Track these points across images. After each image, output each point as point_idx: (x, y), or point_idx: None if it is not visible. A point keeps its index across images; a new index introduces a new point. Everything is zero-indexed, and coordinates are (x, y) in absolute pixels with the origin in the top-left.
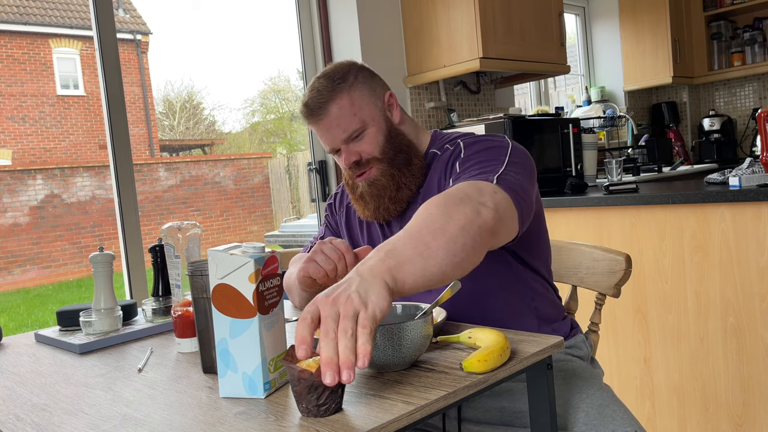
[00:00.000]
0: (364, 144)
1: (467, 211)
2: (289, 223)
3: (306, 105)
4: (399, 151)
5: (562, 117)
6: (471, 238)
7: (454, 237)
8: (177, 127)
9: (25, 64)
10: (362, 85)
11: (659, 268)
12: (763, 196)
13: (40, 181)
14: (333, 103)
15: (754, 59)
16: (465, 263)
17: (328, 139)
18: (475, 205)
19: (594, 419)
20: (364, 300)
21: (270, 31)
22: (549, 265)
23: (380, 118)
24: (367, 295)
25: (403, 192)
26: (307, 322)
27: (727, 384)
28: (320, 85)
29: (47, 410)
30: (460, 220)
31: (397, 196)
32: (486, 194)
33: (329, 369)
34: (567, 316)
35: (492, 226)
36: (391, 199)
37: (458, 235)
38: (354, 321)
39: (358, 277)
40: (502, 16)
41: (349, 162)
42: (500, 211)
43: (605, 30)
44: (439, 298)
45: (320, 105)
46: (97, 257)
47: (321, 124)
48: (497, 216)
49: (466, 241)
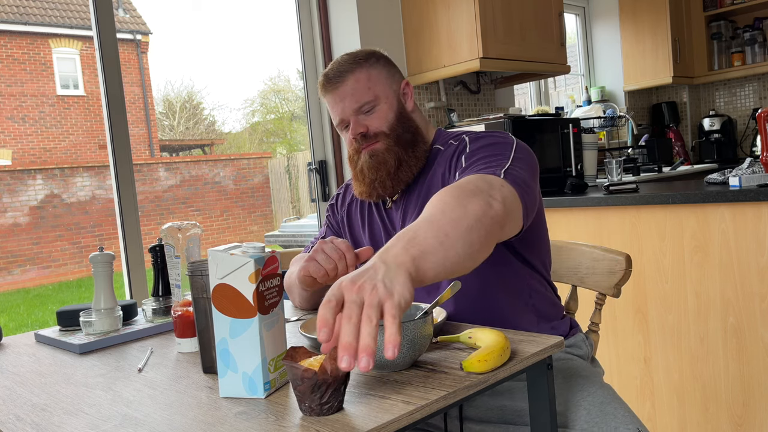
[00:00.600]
0: (374, 118)
1: (480, 203)
2: (289, 223)
3: (326, 75)
4: (406, 131)
5: (562, 117)
6: (485, 230)
7: (471, 228)
8: (177, 127)
9: (25, 64)
10: (382, 67)
11: (659, 268)
12: (763, 196)
13: (40, 181)
14: (351, 74)
15: (754, 59)
16: (479, 254)
17: (340, 109)
18: (486, 197)
19: (596, 417)
20: (389, 290)
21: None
22: (548, 263)
23: (393, 98)
24: (392, 285)
25: (403, 171)
26: (331, 305)
27: (727, 384)
28: (342, 60)
29: (47, 410)
30: (475, 212)
31: (397, 174)
32: (495, 188)
33: (347, 353)
34: (566, 316)
35: (501, 219)
36: (390, 175)
37: (474, 227)
38: (378, 310)
39: (383, 265)
40: (502, 16)
41: (356, 132)
42: (507, 205)
43: (605, 30)
44: (439, 298)
45: (339, 74)
46: (97, 257)
47: (336, 93)
48: (505, 209)
49: (481, 233)
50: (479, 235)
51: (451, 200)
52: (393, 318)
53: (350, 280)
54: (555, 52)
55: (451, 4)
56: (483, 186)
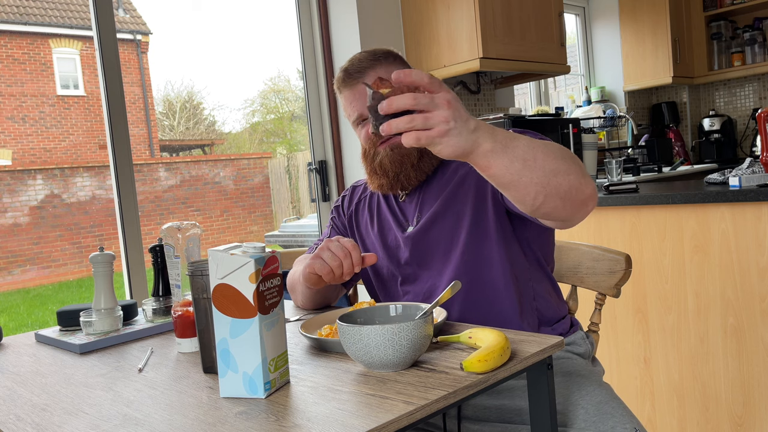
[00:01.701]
0: None
1: (578, 171)
2: (289, 223)
3: (345, 70)
4: None
5: (562, 117)
6: (566, 187)
7: (556, 173)
8: (177, 127)
9: (25, 64)
10: (401, 65)
11: (659, 268)
12: (763, 196)
13: (40, 181)
14: (372, 70)
15: (754, 59)
16: (546, 200)
17: (359, 105)
18: (585, 176)
19: (593, 416)
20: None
21: (270, 31)
22: (552, 263)
23: None
24: (462, 121)
25: (425, 162)
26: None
27: (727, 384)
28: (361, 56)
29: (47, 410)
30: (572, 171)
31: (419, 165)
32: (588, 176)
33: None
34: (567, 315)
35: (586, 197)
36: (414, 167)
37: (561, 175)
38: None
39: (474, 122)
40: (502, 16)
41: None
42: (592, 190)
43: (605, 30)
44: (439, 298)
45: (360, 70)
46: (97, 257)
47: (356, 88)
48: (593, 197)
49: (562, 185)
50: (558, 185)
51: (559, 150)
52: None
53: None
54: (555, 52)
55: (451, 4)
56: (580, 168)
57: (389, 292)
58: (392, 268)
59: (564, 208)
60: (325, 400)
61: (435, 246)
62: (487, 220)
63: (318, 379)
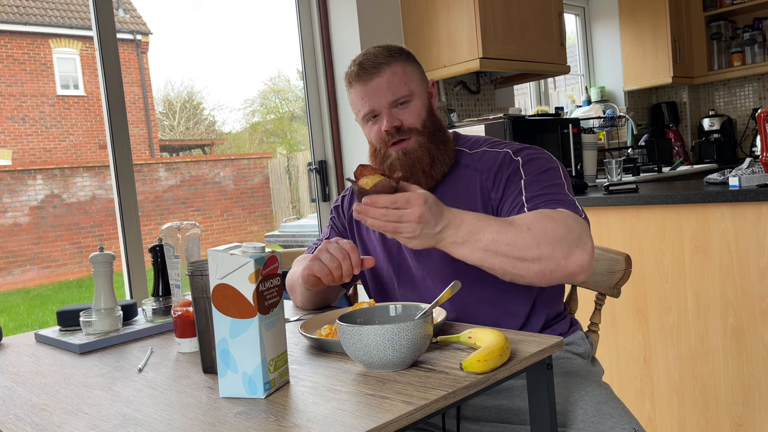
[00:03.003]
0: (408, 113)
1: (560, 251)
2: (289, 223)
3: (360, 64)
4: (438, 129)
5: (562, 117)
6: (540, 267)
7: (522, 259)
8: (177, 127)
9: (25, 64)
10: (415, 64)
11: (659, 268)
12: (763, 196)
13: (40, 181)
14: (388, 67)
15: (754, 59)
16: (514, 279)
17: (374, 101)
18: (572, 247)
19: (592, 417)
20: (415, 237)
21: (270, 31)
22: None
23: (425, 95)
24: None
25: (437, 167)
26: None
27: (727, 384)
28: (376, 51)
29: (47, 410)
30: (544, 256)
31: (431, 171)
32: (588, 248)
33: None
34: (567, 315)
35: (572, 272)
36: (425, 173)
37: (529, 259)
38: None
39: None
40: (502, 16)
41: (390, 125)
42: (588, 270)
43: (605, 30)
44: (439, 298)
45: (376, 65)
46: (97, 257)
47: (371, 84)
48: (585, 274)
49: (532, 268)
50: (525, 269)
51: (541, 234)
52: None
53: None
54: (555, 52)
55: (451, 4)
56: (582, 235)
57: (389, 295)
58: (391, 271)
59: (541, 282)
60: (324, 400)
61: (435, 251)
62: None
63: (318, 379)
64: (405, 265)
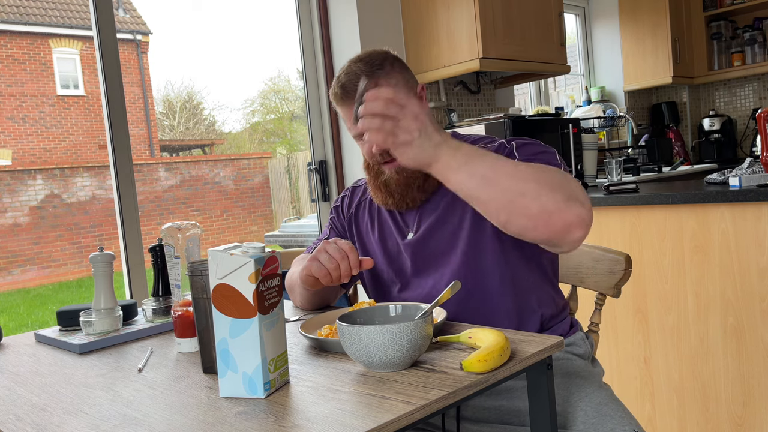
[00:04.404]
0: None
1: (560, 197)
2: (289, 223)
3: (343, 86)
4: None
5: (562, 117)
6: (537, 209)
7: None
8: (177, 127)
9: (25, 64)
10: (398, 74)
11: (659, 268)
12: (763, 196)
13: (40, 181)
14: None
15: (754, 59)
16: (508, 221)
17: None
18: (573, 200)
19: (592, 418)
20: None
21: (270, 31)
22: (555, 262)
23: None
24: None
25: (430, 182)
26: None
27: (727, 384)
28: (358, 69)
29: (47, 410)
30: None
31: (425, 186)
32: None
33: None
34: (567, 316)
35: (570, 225)
36: (420, 189)
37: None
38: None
39: (439, 137)
40: (502, 16)
41: (378, 149)
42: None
43: (605, 30)
44: (439, 298)
45: (357, 87)
46: (97, 257)
47: (353, 107)
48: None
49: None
50: (524, 206)
51: (533, 171)
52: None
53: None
54: (555, 52)
55: (451, 4)
56: (579, 194)
57: (388, 296)
58: (392, 273)
59: (536, 230)
60: (324, 400)
61: (434, 254)
62: (485, 229)
63: (318, 379)
64: (404, 266)
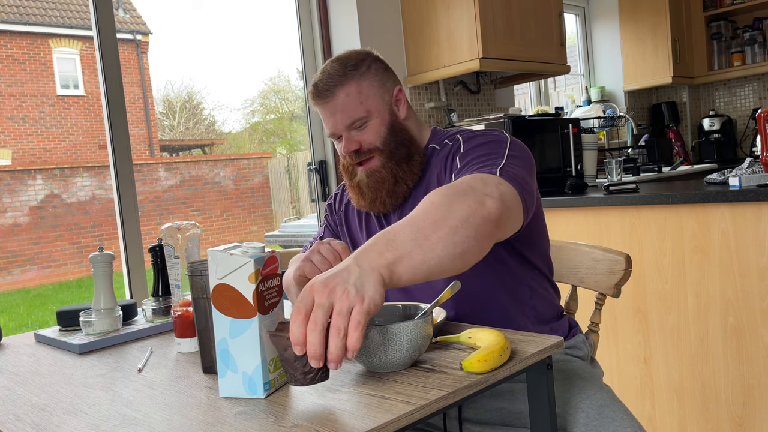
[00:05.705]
0: (366, 134)
1: (470, 202)
2: (289, 223)
3: (315, 86)
4: (400, 145)
5: (562, 117)
6: (473, 230)
7: (455, 229)
8: (177, 127)
9: (25, 64)
10: (373, 76)
11: (659, 268)
12: (763, 196)
13: (40, 181)
14: (341, 88)
15: (754, 59)
16: (467, 255)
17: (331, 124)
18: (479, 196)
19: (594, 420)
20: (360, 294)
21: (270, 31)
22: (549, 261)
23: (385, 111)
24: (363, 290)
25: (401, 186)
26: (301, 316)
27: (727, 384)
28: (332, 69)
29: (47, 410)
30: (462, 211)
31: (395, 190)
32: (490, 185)
33: (315, 360)
34: (565, 316)
35: (497, 217)
36: (389, 193)
37: (459, 227)
38: (347, 318)
39: (357, 268)
40: (502, 16)
41: (348, 149)
42: (505, 202)
43: (605, 30)
44: (439, 298)
45: (328, 88)
46: (97, 257)
47: (327, 107)
48: (502, 207)
49: (468, 233)
50: (465, 236)
51: (438, 200)
52: (358, 324)
53: (322, 283)
54: (555, 52)
55: (451, 4)
56: (477, 185)
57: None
58: None
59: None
60: (324, 400)
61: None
62: None
63: None
64: None
